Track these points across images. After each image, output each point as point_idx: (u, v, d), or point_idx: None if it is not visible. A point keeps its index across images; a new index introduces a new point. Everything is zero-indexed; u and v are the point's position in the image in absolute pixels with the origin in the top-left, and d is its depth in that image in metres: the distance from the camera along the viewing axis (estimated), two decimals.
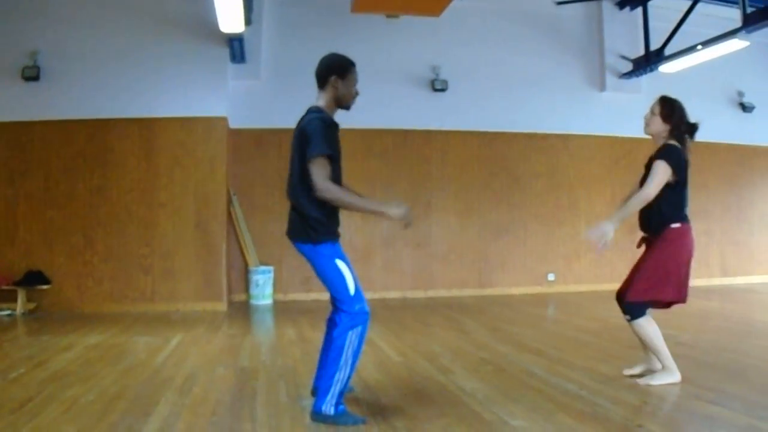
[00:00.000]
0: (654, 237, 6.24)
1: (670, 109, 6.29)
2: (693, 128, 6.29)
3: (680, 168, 6.13)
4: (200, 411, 5.24)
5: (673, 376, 6.09)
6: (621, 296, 6.34)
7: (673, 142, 6.22)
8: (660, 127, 6.30)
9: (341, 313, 5.14)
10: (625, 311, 6.19)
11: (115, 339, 8.72)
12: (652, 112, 6.37)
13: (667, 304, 6.27)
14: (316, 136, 5.05)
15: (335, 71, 5.34)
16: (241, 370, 6.89)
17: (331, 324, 5.42)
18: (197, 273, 11.82)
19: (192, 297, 11.77)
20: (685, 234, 6.15)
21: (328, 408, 4.95)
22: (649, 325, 6.12)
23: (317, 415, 4.98)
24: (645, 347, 6.42)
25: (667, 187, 6.09)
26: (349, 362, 5.03)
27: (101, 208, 11.66)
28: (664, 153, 6.13)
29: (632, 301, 6.12)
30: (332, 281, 5.13)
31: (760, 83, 16.15)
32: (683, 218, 6.17)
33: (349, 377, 5.06)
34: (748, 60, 15.44)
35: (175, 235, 11.80)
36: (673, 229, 6.11)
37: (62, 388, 5.91)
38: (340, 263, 5.12)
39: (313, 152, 5.02)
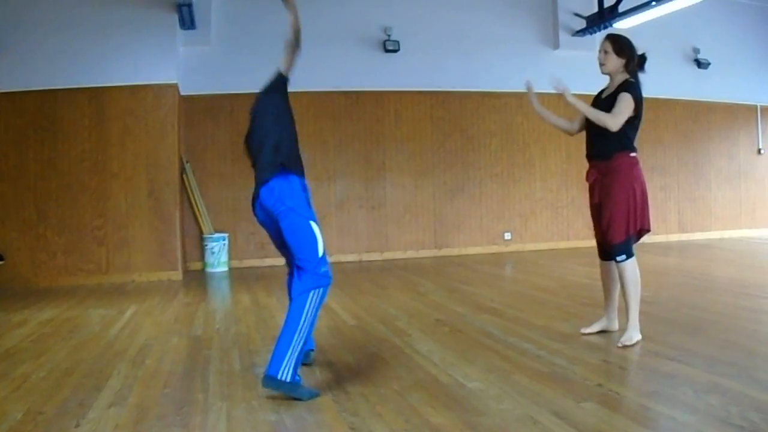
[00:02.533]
0: (607, 165, 6.18)
1: (620, 43, 6.37)
2: (643, 59, 6.40)
3: (640, 102, 6.22)
4: (152, 383, 5.20)
5: (637, 335, 6.05)
6: (606, 242, 6.24)
7: (629, 77, 6.32)
8: (616, 63, 6.35)
9: (304, 272, 4.99)
10: (616, 253, 6.05)
11: (69, 313, 8.63)
12: (604, 51, 6.39)
13: (639, 235, 6.18)
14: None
15: None
16: (195, 339, 6.86)
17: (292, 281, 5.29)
18: (152, 242, 11.73)
19: (147, 267, 11.68)
20: (638, 162, 6.21)
21: (285, 374, 4.68)
22: (636, 268, 6.08)
23: (271, 381, 4.71)
24: (608, 302, 6.54)
25: (626, 121, 6.12)
26: (308, 323, 4.85)
27: (53, 180, 11.49)
28: (628, 87, 6.21)
29: (621, 240, 6.02)
30: (304, 241, 5.11)
31: (716, 39, 16.18)
32: (635, 149, 6.24)
33: (306, 341, 4.84)
34: (703, 16, 15.47)
35: (128, 205, 11.68)
36: (632, 156, 6.17)
37: (13, 366, 5.85)
38: (313, 225, 5.20)
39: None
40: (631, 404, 4.38)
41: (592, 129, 6.41)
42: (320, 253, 5.09)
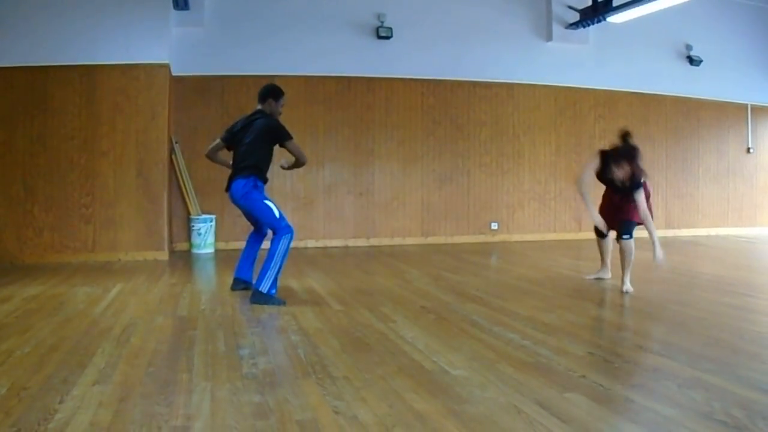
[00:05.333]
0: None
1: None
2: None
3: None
4: (137, 361, 5.19)
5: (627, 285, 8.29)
6: (621, 223, 8.56)
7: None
8: None
9: (277, 230, 7.75)
10: (626, 232, 8.45)
11: (54, 290, 8.62)
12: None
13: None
14: (282, 128, 7.91)
15: (272, 95, 8.07)
16: (180, 319, 6.85)
17: (254, 236, 8.65)
18: (139, 222, 11.71)
19: (133, 246, 11.67)
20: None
21: (265, 287, 7.55)
22: (634, 244, 8.45)
23: (256, 292, 7.60)
24: (604, 260, 9.30)
25: None
26: (281, 256, 7.64)
27: (41, 157, 11.45)
28: None
29: (634, 220, 8.47)
30: (263, 213, 7.90)
31: (709, 37, 16.23)
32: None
33: (280, 268, 7.70)
34: (697, 13, 15.55)
35: (116, 184, 11.65)
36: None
37: None
38: (267, 202, 7.88)
39: (288, 137, 7.89)
40: (615, 396, 4.40)
41: None
42: (277, 215, 7.78)
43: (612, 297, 7.40)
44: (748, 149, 16.85)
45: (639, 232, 8.25)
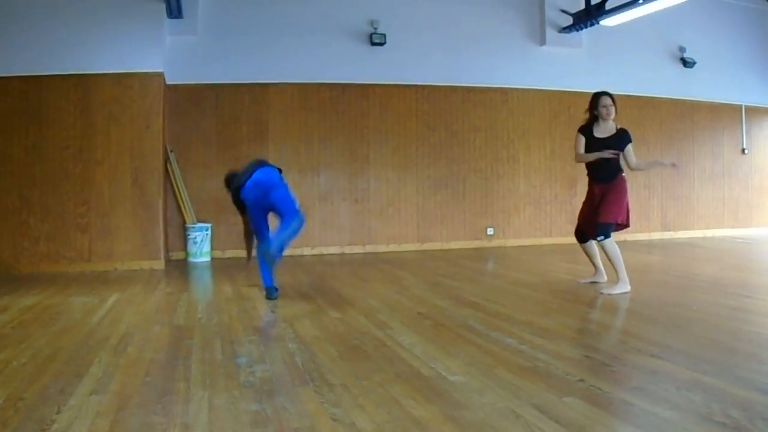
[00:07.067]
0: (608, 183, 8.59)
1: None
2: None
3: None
4: (134, 371, 5.18)
5: (626, 287, 8.33)
6: (591, 225, 8.61)
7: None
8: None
9: (294, 214, 8.30)
10: (598, 233, 8.37)
11: (50, 300, 8.60)
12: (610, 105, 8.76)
13: (619, 227, 8.54)
14: None
15: None
16: (176, 328, 6.83)
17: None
18: (135, 231, 11.69)
19: (129, 256, 11.65)
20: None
21: (275, 246, 8.09)
22: (614, 244, 8.34)
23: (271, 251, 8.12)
24: (595, 264, 9.16)
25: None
26: (294, 231, 8.28)
27: (36, 166, 11.43)
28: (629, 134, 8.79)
29: (605, 221, 8.34)
30: (288, 198, 8.43)
31: (702, 38, 16.26)
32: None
33: (283, 244, 8.23)
34: (690, 15, 15.58)
35: (111, 194, 11.63)
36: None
37: None
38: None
39: None
40: (613, 400, 4.39)
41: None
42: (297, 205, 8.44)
43: (608, 300, 7.40)
44: (743, 150, 16.87)
45: (634, 235, 8.22)
